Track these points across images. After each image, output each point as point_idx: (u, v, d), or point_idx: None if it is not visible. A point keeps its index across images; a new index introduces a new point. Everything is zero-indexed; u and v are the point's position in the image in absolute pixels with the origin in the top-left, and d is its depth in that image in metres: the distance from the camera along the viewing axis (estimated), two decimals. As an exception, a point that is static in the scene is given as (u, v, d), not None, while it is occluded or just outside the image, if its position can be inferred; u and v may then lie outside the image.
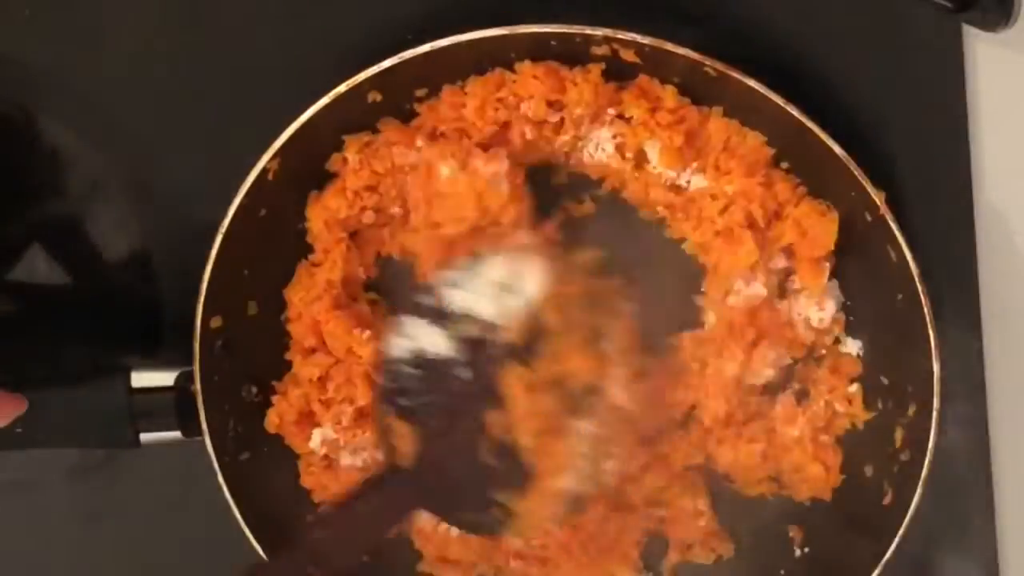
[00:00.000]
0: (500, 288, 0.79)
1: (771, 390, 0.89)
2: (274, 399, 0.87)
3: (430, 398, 0.80)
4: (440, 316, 0.80)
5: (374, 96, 0.83)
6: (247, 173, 0.81)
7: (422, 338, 0.80)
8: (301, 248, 0.87)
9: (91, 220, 0.87)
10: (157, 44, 0.87)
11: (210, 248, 0.81)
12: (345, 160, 0.85)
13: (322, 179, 0.86)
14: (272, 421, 0.87)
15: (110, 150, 0.87)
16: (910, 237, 0.82)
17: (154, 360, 0.85)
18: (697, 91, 0.84)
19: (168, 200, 0.88)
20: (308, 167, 0.84)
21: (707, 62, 0.80)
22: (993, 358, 0.90)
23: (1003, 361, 0.91)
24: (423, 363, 0.80)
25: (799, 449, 0.88)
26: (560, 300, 0.80)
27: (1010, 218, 0.90)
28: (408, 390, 0.80)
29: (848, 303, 0.88)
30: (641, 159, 0.85)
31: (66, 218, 0.88)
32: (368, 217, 0.86)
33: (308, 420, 0.87)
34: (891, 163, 0.87)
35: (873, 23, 0.88)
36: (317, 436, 0.87)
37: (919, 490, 0.83)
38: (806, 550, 0.90)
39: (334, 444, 0.87)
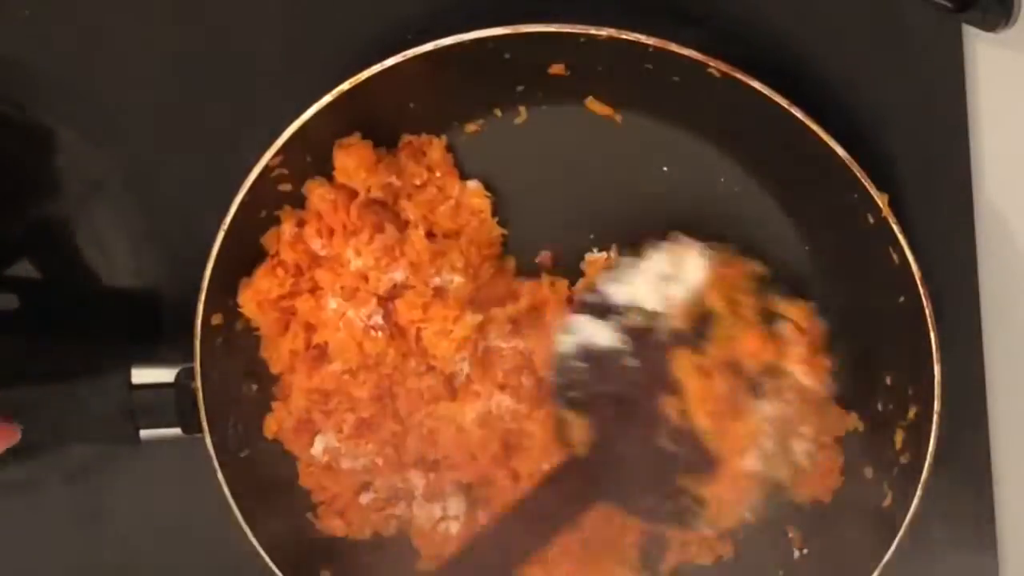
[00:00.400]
0: (662, 278, 0.81)
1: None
2: (273, 404, 0.87)
3: (601, 388, 0.81)
4: (605, 311, 0.81)
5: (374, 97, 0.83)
6: (248, 171, 0.80)
7: (588, 332, 0.81)
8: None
9: (91, 219, 0.88)
10: (157, 44, 0.87)
11: (212, 246, 0.81)
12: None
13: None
14: (270, 427, 0.87)
15: (110, 150, 0.87)
16: (910, 238, 0.82)
17: (155, 356, 0.84)
18: (697, 91, 0.83)
19: (168, 198, 0.88)
20: (310, 166, 0.84)
21: (711, 63, 0.79)
22: (993, 358, 0.91)
23: (1003, 361, 0.91)
24: (591, 356, 0.81)
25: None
26: (724, 283, 0.81)
27: (1010, 218, 0.89)
28: (578, 383, 0.82)
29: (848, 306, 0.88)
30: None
31: (66, 217, 0.88)
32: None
33: (308, 427, 0.87)
34: (891, 163, 0.87)
35: (873, 23, 0.88)
36: (319, 444, 0.87)
37: (919, 493, 0.83)
38: (805, 551, 0.90)
39: (335, 451, 0.87)
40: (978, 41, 0.88)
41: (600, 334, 0.81)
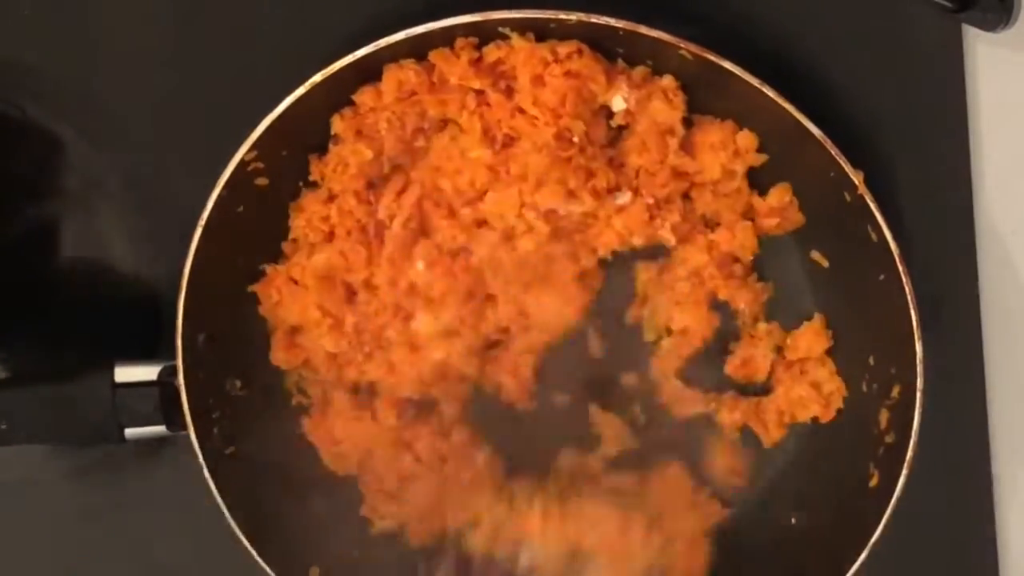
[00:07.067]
0: None
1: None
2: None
3: None
4: None
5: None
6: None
7: None
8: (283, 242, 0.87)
9: (88, 218, 0.88)
10: (157, 44, 0.87)
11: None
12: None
13: (304, 170, 0.86)
14: None
15: (109, 150, 0.88)
16: (908, 236, 0.83)
17: (139, 355, 0.84)
18: (674, 76, 0.83)
19: (166, 198, 0.88)
20: (288, 158, 0.84)
21: (682, 44, 0.79)
22: (993, 358, 0.90)
23: (1003, 361, 0.90)
24: None
25: None
26: None
27: (1010, 218, 0.89)
28: None
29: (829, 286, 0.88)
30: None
31: (63, 216, 0.88)
32: None
33: None
34: (891, 163, 0.87)
35: (873, 23, 0.88)
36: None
37: (904, 472, 0.82)
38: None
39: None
40: (978, 41, 0.88)
41: None
